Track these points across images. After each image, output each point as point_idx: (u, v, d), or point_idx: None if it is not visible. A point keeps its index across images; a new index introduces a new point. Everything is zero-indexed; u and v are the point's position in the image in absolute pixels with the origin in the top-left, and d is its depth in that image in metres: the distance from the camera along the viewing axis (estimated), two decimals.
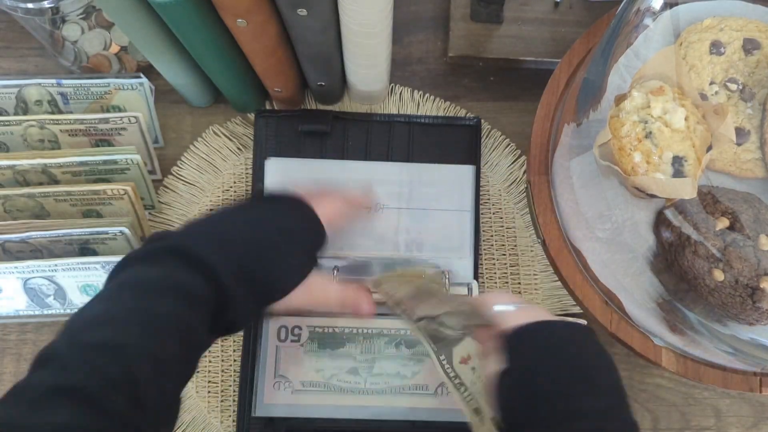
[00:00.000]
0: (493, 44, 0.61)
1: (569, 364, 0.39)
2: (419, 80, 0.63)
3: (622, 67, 0.50)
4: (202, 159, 0.61)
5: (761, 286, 0.44)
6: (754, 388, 0.49)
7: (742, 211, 0.45)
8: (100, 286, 0.54)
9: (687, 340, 0.48)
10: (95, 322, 0.35)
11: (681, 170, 0.45)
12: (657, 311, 0.49)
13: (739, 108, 0.50)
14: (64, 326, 0.36)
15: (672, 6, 0.51)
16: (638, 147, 0.45)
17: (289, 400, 0.55)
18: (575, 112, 0.49)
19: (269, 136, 0.60)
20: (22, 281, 0.54)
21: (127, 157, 0.54)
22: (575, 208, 0.50)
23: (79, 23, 0.61)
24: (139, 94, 0.58)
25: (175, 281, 0.38)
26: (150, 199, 0.58)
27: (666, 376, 0.58)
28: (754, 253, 0.44)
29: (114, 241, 0.54)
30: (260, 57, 0.51)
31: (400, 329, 0.57)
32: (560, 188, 0.51)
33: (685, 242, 0.46)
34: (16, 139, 0.57)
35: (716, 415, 0.58)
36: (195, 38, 0.47)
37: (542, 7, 0.61)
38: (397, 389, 0.56)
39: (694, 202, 0.46)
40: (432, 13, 0.65)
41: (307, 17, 0.44)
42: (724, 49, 0.50)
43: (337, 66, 0.54)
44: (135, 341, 0.34)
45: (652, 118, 0.45)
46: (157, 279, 0.38)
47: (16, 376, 0.57)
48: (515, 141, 0.62)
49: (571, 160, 0.50)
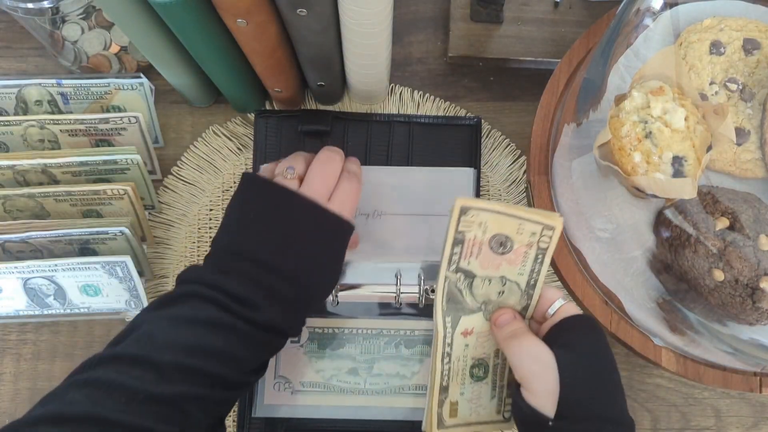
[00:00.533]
0: (493, 44, 0.61)
1: (609, 352, 0.41)
2: (419, 80, 0.63)
3: (622, 67, 0.50)
4: (202, 159, 0.61)
5: (761, 286, 0.44)
6: (754, 388, 0.49)
7: (742, 211, 0.45)
8: (100, 286, 0.54)
9: (687, 340, 0.48)
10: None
11: (681, 170, 0.45)
12: (657, 311, 0.49)
13: (739, 108, 0.50)
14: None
15: (672, 6, 0.51)
16: (638, 147, 0.45)
17: (289, 400, 0.55)
18: (575, 112, 0.49)
19: (269, 137, 0.60)
20: (22, 281, 0.54)
21: (127, 157, 0.54)
22: (575, 208, 0.50)
23: (79, 23, 0.61)
24: (139, 94, 0.58)
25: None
26: (150, 199, 0.59)
27: (666, 376, 0.58)
28: (754, 253, 0.44)
29: (114, 241, 0.54)
30: (260, 57, 0.51)
31: (400, 329, 0.57)
32: (560, 188, 0.51)
33: (685, 242, 0.46)
34: (16, 139, 0.57)
35: (716, 415, 0.58)
36: (195, 38, 0.47)
37: (542, 7, 0.61)
38: (396, 389, 0.56)
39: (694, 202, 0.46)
40: (432, 13, 0.65)
41: (307, 17, 0.44)
42: (724, 49, 0.50)
43: (337, 66, 0.54)
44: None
45: (652, 118, 0.45)
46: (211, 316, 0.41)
47: (16, 376, 0.57)
48: (515, 141, 0.62)
49: (571, 161, 0.50)
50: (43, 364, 0.58)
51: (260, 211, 0.44)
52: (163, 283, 0.59)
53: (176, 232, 0.60)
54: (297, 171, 0.46)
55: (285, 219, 0.44)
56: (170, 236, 0.60)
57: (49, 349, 0.58)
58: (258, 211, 0.44)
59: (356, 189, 0.48)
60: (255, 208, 0.45)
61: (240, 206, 0.46)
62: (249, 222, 0.44)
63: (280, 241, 0.43)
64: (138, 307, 0.56)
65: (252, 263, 0.43)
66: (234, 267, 0.43)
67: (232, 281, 0.42)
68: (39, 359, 0.58)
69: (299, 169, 0.47)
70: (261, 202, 0.45)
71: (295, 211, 0.44)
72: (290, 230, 0.44)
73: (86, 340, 0.58)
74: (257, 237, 0.44)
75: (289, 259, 0.43)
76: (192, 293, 0.42)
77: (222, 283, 0.42)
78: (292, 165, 0.47)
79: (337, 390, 0.56)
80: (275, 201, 0.44)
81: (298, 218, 0.44)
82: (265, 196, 0.45)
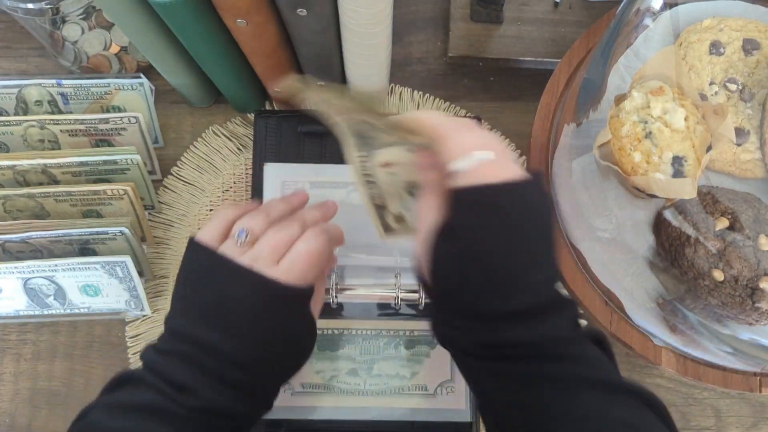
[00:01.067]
0: (493, 44, 0.61)
1: (517, 235, 0.34)
2: (419, 80, 0.63)
3: (622, 67, 0.50)
4: (202, 159, 0.61)
5: (761, 286, 0.44)
6: (754, 388, 0.49)
7: (742, 211, 0.45)
8: (100, 286, 0.54)
9: (687, 340, 0.48)
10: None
11: (681, 170, 0.45)
12: (657, 311, 0.49)
13: (739, 108, 0.50)
14: None
15: (672, 6, 0.51)
16: (638, 147, 0.45)
17: (289, 402, 0.55)
18: (575, 112, 0.49)
19: (269, 137, 0.60)
20: (22, 281, 0.54)
21: (127, 158, 0.54)
22: (575, 208, 0.50)
23: (79, 23, 0.61)
24: (139, 94, 0.58)
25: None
26: (150, 199, 0.59)
27: (666, 376, 0.58)
28: (753, 253, 0.44)
29: (114, 241, 0.54)
30: (260, 57, 0.51)
31: (399, 330, 0.57)
32: (560, 188, 0.51)
33: (685, 242, 0.46)
34: (16, 139, 0.57)
35: (716, 415, 0.58)
36: (195, 38, 0.47)
37: (542, 7, 0.61)
38: (396, 390, 0.56)
39: (694, 202, 0.46)
40: (432, 13, 0.65)
41: (307, 17, 0.44)
42: (723, 49, 0.50)
43: (337, 66, 0.54)
44: None
45: (652, 118, 0.45)
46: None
47: (16, 376, 0.57)
48: (515, 141, 0.62)
49: (571, 161, 0.50)
50: (43, 364, 0.58)
51: (199, 284, 0.41)
52: (162, 283, 0.59)
53: (176, 232, 0.60)
54: (252, 235, 0.42)
55: (223, 292, 0.40)
56: (170, 236, 0.60)
57: (49, 349, 0.58)
58: (197, 286, 0.41)
59: (314, 248, 0.42)
60: (194, 282, 0.41)
61: (183, 279, 0.42)
62: (189, 297, 0.41)
63: (218, 318, 0.39)
64: (138, 307, 0.56)
65: (190, 344, 0.39)
66: (174, 348, 0.40)
67: (170, 364, 0.39)
68: (39, 359, 0.58)
69: (256, 231, 0.42)
70: (201, 275, 0.41)
71: (234, 282, 0.40)
72: (230, 304, 0.39)
73: (86, 340, 0.58)
74: (196, 314, 0.40)
75: (229, 337, 0.39)
76: (136, 377, 0.40)
77: (160, 366, 0.39)
78: (247, 227, 0.42)
79: (337, 391, 0.56)
80: (214, 272, 0.40)
81: (237, 290, 0.40)
82: (205, 267, 0.41)
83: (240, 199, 0.60)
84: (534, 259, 0.35)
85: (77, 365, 0.58)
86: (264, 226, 0.42)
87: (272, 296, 0.40)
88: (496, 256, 0.34)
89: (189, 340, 0.39)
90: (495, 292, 0.35)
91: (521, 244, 0.35)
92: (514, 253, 0.34)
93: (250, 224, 0.42)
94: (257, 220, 0.42)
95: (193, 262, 0.42)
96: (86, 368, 0.58)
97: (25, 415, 0.57)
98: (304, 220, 0.44)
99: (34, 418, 0.57)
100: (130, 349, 0.58)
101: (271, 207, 0.44)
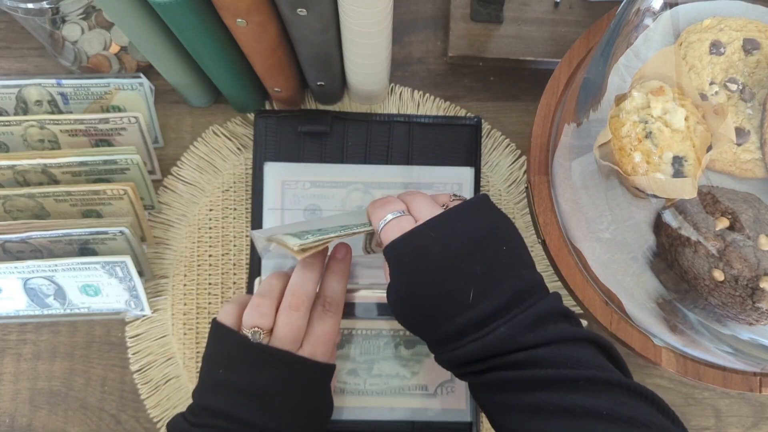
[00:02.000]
0: (493, 44, 0.61)
1: (425, 272, 0.40)
2: (419, 80, 0.63)
3: (622, 67, 0.50)
4: (202, 159, 0.61)
5: (761, 286, 0.44)
6: (754, 388, 0.49)
7: (742, 211, 0.45)
8: (100, 286, 0.54)
9: (687, 340, 0.48)
10: None
11: (681, 170, 0.45)
12: (657, 311, 0.49)
13: (739, 108, 0.50)
14: None
15: (672, 6, 0.51)
16: (638, 147, 0.45)
17: None
18: (575, 112, 0.49)
19: (269, 137, 0.60)
20: (22, 281, 0.54)
21: (127, 157, 0.54)
22: (575, 208, 0.50)
23: (79, 23, 0.61)
24: (139, 94, 0.58)
25: None
26: (150, 199, 0.59)
27: (666, 376, 0.58)
28: (754, 253, 0.44)
29: (114, 241, 0.54)
30: (260, 57, 0.51)
31: (399, 330, 0.57)
32: (560, 188, 0.51)
33: (685, 242, 0.46)
34: (16, 139, 0.57)
35: (716, 415, 0.58)
36: (195, 38, 0.47)
37: (542, 7, 0.61)
38: (396, 390, 0.56)
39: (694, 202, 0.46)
40: (432, 13, 0.65)
41: (307, 17, 0.44)
42: (724, 49, 0.50)
43: (337, 66, 0.54)
44: None
45: (652, 118, 0.45)
46: None
47: (16, 376, 0.57)
48: (515, 141, 0.62)
49: (571, 161, 0.50)
50: (43, 364, 0.58)
51: (231, 366, 0.44)
52: (162, 283, 0.59)
53: (176, 232, 0.60)
54: (264, 326, 0.45)
55: (257, 372, 0.44)
56: (170, 236, 0.60)
57: (49, 349, 0.58)
58: (228, 366, 0.44)
59: (329, 327, 0.47)
60: (226, 363, 0.44)
61: (213, 360, 0.45)
62: (222, 378, 0.44)
63: (255, 396, 0.43)
64: (138, 307, 0.56)
65: (224, 419, 0.42)
66: (206, 422, 0.42)
67: None
68: (39, 359, 0.58)
69: (266, 322, 0.45)
70: (232, 357, 0.44)
71: (267, 364, 0.44)
72: (265, 383, 0.43)
73: (86, 340, 0.58)
74: (231, 394, 0.43)
75: (261, 413, 0.43)
76: None
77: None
78: (258, 323, 0.45)
79: (338, 391, 0.56)
80: (245, 355, 0.44)
81: (271, 371, 0.44)
82: (234, 350, 0.44)
83: (240, 198, 0.60)
84: (448, 289, 0.40)
85: (77, 365, 0.58)
86: (272, 311, 0.46)
87: (303, 374, 0.45)
88: (419, 293, 0.40)
89: (222, 416, 0.42)
90: (431, 323, 0.41)
91: (433, 280, 0.40)
92: (428, 289, 0.40)
93: (259, 322, 0.45)
94: (265, 309, 0.46)
95: (220, 344, 0.45)
96: (86, 368, 0.58)
97: (25, 415, 0.57)
98: (308, 299, 0.47)
99: (34, 418, 0.57)
100: (130, 349, 0.58)
101: (272, 288, 0.47)
